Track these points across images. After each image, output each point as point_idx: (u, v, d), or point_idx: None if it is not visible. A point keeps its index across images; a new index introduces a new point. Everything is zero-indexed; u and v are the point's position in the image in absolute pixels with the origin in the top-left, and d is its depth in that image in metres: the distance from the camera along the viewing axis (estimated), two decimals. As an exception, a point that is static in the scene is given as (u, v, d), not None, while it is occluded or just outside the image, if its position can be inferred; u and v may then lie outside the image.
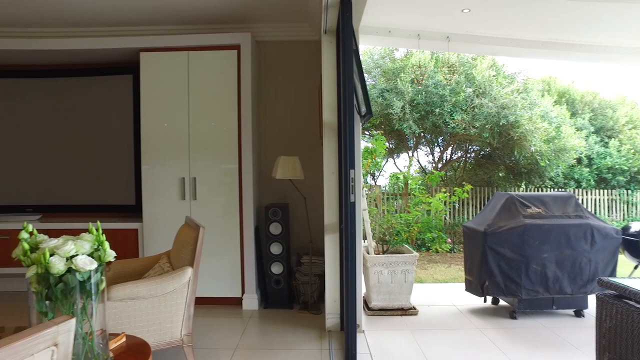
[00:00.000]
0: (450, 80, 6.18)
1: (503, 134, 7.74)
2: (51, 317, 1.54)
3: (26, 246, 1.55)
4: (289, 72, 4.12)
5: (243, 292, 3.65)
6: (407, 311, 3.52)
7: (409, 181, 7.42)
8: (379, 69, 8.36)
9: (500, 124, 7.54)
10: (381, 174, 8.64)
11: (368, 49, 8.49)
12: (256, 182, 3.86)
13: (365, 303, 3.63)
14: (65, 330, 0.84)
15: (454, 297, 3.98)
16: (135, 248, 3.77)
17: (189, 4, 3.52)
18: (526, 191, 8.65)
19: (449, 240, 7.18)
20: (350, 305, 2.59)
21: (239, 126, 3.64)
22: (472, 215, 8.21)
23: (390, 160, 9.24)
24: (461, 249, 7.11)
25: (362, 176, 3.51)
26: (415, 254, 3.63)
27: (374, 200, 7.42)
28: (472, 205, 8.33)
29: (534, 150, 7.90)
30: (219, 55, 3.65)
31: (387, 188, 8.52)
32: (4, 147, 4.29)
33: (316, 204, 3.87)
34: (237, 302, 3.68)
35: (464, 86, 7.67)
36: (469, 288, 3.61)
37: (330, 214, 3.12)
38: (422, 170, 9.11)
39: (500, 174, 9.03)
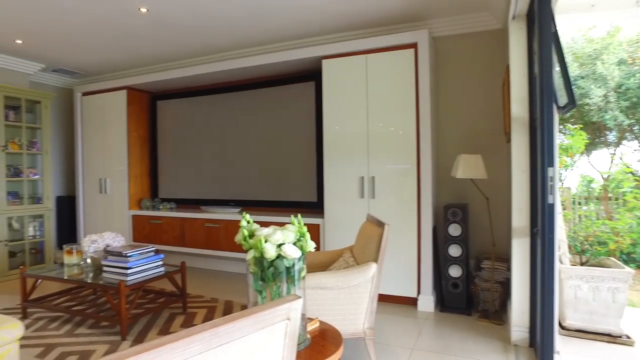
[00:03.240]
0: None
1: None
2: (264, 295, 1.78)
3: (246, 233, 1.82)
4: (466, 65, 3.91)
5: (419, 292, 3.60)
6: (617, 339, 2.94)
7: (614, 183, 6.20)
8: (569, 54, 7.25)
9: None
10: (568, 174, 7.45)
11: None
12: (434, 182, 3.76)
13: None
14: (295, 308, 0.95)
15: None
16: (317, 242, 4.09)
17: (366, 8, 3.65)
18: None
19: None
20: (547, 322, 2.30)
21: (417, 125, 3.60)
22: None
23: (582, 158, 7.90)
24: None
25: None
26: (630, 270, 3.02)
27: (563, 203, 6.48)
28: None
29: None
30: (395, 56, 3.69)
31: (577, 190, 7.32)
32: (212, 153, 5.18)
33: (499, 204, 3.58)
34: (412, 302, 3.66)
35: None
36: None
37: (520, 217, 2.83)
38: (626, 168, 7.53)
39: None
